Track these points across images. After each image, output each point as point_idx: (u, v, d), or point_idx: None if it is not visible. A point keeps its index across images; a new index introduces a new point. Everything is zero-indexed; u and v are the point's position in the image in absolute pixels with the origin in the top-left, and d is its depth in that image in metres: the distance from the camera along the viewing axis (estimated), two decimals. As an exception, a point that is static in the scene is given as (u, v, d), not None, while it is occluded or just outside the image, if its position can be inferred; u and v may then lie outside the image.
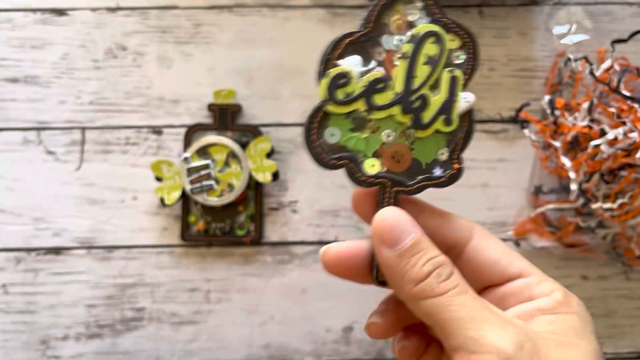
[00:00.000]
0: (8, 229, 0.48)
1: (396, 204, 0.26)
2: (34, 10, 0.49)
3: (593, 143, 0.43)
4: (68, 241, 0.48)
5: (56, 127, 0.48)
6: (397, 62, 0.26)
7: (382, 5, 0.26)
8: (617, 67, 0.47)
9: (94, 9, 0.49)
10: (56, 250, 0.48)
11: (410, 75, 0.26)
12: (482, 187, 0.48)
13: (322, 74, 0.26)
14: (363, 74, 0.26)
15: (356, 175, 0.26)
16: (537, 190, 0.47)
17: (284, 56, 0.49)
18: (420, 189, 0.27)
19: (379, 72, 0.26)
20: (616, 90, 0.45)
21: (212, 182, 0.46)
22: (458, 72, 0.26)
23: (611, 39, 0.48)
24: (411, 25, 0.26)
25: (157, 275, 0.48)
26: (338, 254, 0.26)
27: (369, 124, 0.27)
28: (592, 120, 0.45)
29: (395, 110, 0.26)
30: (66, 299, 0.48)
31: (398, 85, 0.26)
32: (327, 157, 0.26)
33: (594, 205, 0.44)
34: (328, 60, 0.27)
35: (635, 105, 0.44)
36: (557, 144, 0.45)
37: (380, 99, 0.26)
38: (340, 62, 0.26)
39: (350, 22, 0.49)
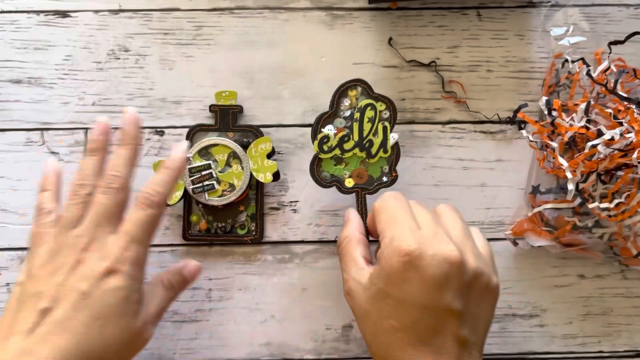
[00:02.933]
0: (12, 228, 0.48)
1: (364, 200, 0.44)
2: (38, 12, 0.49)
3: (590, 143, 0.44)
4: (71, 240, 0.48)
5: (59, 127, 0.49)
6: (346, 126, 0.45)
7: (339, 92, 0.44)
8: (614, 69, 0.47)
9: (96, 11, 0.49)
10: (59, 250, 0.48)
11: (361, 129, 0.44)
12: (481, 187, 0.49)
13: (313, 137, 0.44)
14: (335, 134, 0.44)
15: (342, 189, 0.45)
16: (535, 190, 0.47)
17: (284, 58, 0.49)
18: (376, 190, 0.45)
19: (344, 131, 0.45)
20: (613, 91, 0.45)
21: (213, 182, 0.46)
22: (387, 123, 0.44)
23: (608, 40, 0.48)
24: (357, 100, 0.44)
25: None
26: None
27: (344, 160, 0.45)
28: (589, 121, 0.45)
29: (356, 150, 0.44)
30: (69, 297, 0.48)
31: (355, 136, 0.44)
32: (325, 182, 0.45)
33: (591, 205, 0.45)
34: (316, 130, 0.45)
35: (632, 106, 0.45)
36: (554, 144, 0.45)
37: (347, 146, 0.44)
38: (323, 129, 0.44)
39: (350, 24, 0.49)
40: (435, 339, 0.35)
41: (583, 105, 0.45)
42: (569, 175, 0.44)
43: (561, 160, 0.45)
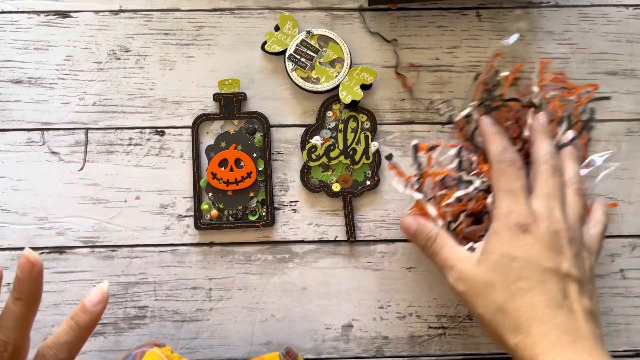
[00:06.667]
0: (12, 228, 0.48)
1: (351, 202, 0.48)
2: (38, 12, 0.49)
3: (455, 195, 0.44)
4: (72, 240, 0.48)
5: (60, 127, 0.49)
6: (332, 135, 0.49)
7: (324, 106, 0.49)
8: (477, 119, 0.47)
9: (97, 12, 0.49)
10: (60, 250, 0.48)
11: (345, 139, 0.48)
12: (480, 187, 0.49)
13: (302, 147, 0.48)
14: (322, 144, 0.48)
15: (330, 193, 0.49)
16: None
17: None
18: (360, 193, 0.49)
19: (330, 140, 0.49)
20: (470, 140, 0.46)
21: (308, 65, 0.48)
22: (368, 133, 0.48)
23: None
24: (340, 113, 0.49)
25: (160, 273, 0.48)
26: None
27: (331, 167, 0.49)
28: (460, 162, 0.46)
29: (341, 157, 0.48)
30: (70, 297, 0.48)
31: (340, 145, 0.48)
32: (314, 188, 0.49)
33: (466, 247, 0.43)
34: (304, 141, 0.49)
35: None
36: (419, 195, 0.46)
37: (333, 154, 0.48)
38: (311, 140, 0.49)
39: (350, 25, 0.49)
40: (565, 302, 0.36)
41: (454, 150, 0.46)
42: (439, 222, 0.44)
43: (430, 210, 0.45)
